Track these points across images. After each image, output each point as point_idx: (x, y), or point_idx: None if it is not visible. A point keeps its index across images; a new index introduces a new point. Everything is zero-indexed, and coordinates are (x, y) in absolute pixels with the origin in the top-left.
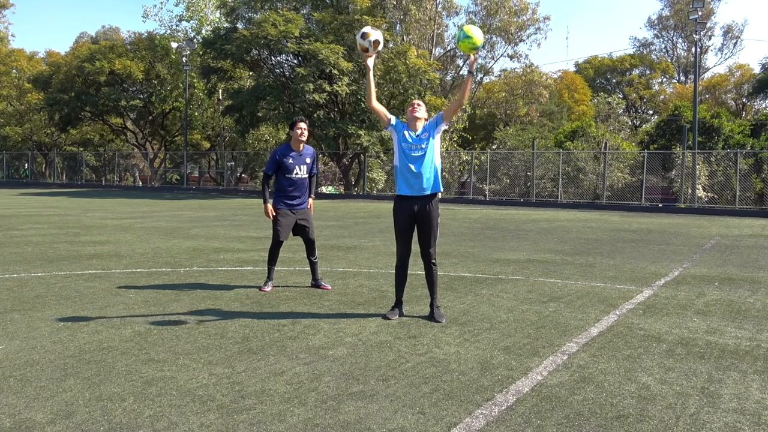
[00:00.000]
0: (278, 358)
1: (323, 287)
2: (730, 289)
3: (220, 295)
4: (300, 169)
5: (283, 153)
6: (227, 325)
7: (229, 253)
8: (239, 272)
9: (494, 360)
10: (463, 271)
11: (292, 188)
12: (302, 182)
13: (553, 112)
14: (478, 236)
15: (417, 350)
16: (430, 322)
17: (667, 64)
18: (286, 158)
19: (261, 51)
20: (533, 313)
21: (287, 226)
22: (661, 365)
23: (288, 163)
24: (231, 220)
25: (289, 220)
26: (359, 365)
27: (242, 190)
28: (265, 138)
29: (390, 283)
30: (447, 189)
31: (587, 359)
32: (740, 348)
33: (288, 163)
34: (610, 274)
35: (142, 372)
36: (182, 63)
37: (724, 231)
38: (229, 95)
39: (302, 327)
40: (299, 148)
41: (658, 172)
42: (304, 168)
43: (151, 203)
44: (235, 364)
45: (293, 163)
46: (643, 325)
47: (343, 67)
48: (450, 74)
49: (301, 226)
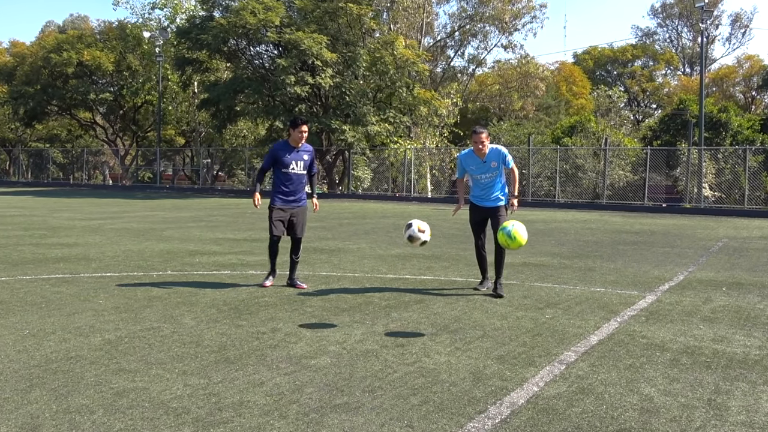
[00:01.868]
0: (257, 367)
1: (299, 286)
2: (739, 295)
3: (195, 301)
4: (297, 165)
5: (280, 147)
6: (203, 333)
7: (205, 256)
8: (216, 276)
9: (487, 370)
10: (454, 275)
11: (288, 183)
12: (298, 178)
13: (550, 106)
14: (470, 238)
15: (405, 359)
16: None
17: (672, 54)
18: (281, 152)
19: (239, 41)
20: (529, 320)
21: (281, 222)
22: (665, 375)
23: (284, 158)
24: (207, 221)
25: (283, 216)
26: (343, 375)
27: (219, 189)
28: (243, 134)
29: (376, 287)
30: (438, 188)
31: (586, 369)
32: (749, 357)
33: (284, 158)
34: (611, 278)
35: (113, 383)
36: (155, 54)
37: (733, 233)
38: (205, 88)
39: (283, 335)
40: (298, 145)
41: (662, 170)
42: (301, 164)
43: (122, 203)
44: (211, 374)
45: (290, 158)
46: (645, 333)
47: (327, 58)
48: (440, 65)
49: (291, 223)
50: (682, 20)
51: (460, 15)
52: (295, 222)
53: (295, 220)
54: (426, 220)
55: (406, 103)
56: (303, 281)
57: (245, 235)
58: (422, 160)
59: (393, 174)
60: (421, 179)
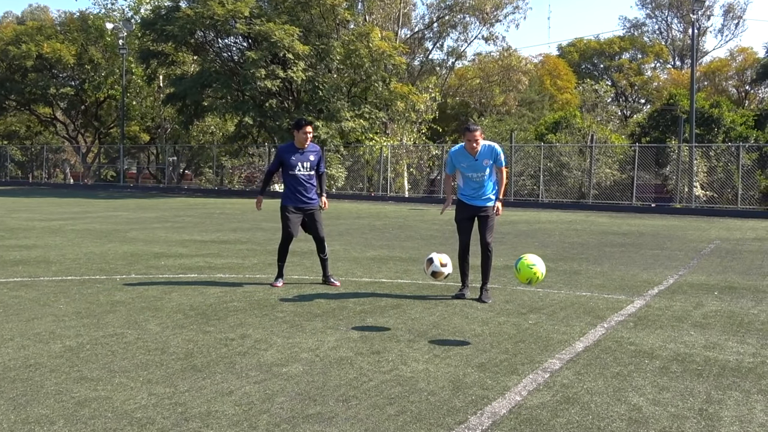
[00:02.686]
0: (226, 376)
1: (332, 284)
2: (732, 299)
3: (160, 306)
4: (303, 166)
5: (285, 150)
6: (169, 340)
7: (170, 259)
8: (182, 280)
9: (467, 378)
10: (432, 279)
11: (298, 186)
12: (308, 179)
13: (534, 101)
14: (450, 240)
15: (381, 367)
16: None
17: (661, 47)
18: (287, 155)
19: (206, 33)
20: (511, 326)
21: (295, 223)
22: (654, 384)
23: (290, 160)
24: (173, 221)
25: (296, 218)
26: (316, 384)
27: (185, 189)
28: (211, 130)
29: (350, 292)
30: (415, 187)
31: (572, 377)
32: (742, 365)
33: (290, 160)
34: (597, 282)
35: (74, 391)
36: (118, 46)
37: (725, 234)
38: (170, 82)
39: (253, 341)
40: (303, 147)
41: (651, 168)
42: (308, 165)
43: (84, 203)
44: (177, 382)
45: (295, 160)
46: (634, 340)
47: (299, 51)
48: (418, 58)
49: (308, 225)
50: (672, 11)
51: (439, 5)
52: (312, 223)
53: (311, 221)
54: (403, 221)
55: (382, 98)
56: (336, 279)
57: (213, 236)
58: (399, 157)
59: (368, 172)
60: (397, 178)
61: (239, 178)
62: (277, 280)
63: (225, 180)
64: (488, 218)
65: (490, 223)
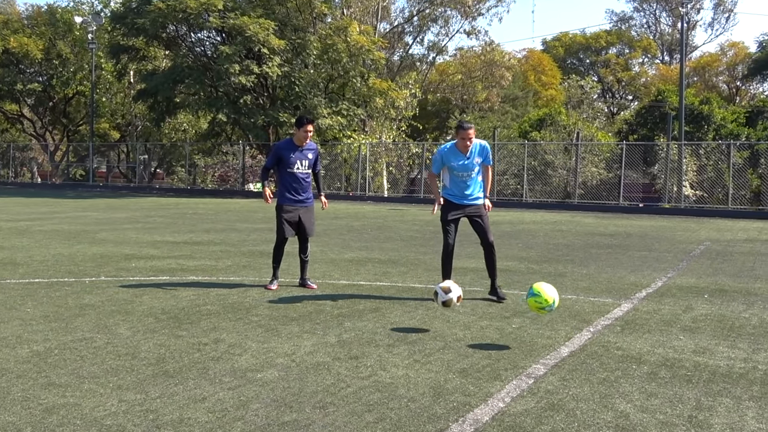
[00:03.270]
0: (199, 381)
1: (309, 287)
2: (722, 303)
3: (131, 310)
4: (302, 164)
5: (283, 147)
6: (140, 344)
7: (141, 261)
8: (154, 282)
9: (449, 384)
10: (413, 282)
11: (295, 184)
12: (305, 177)
13: (517, 97)
14: (430, 241)
15: (359, 373)
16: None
17: (649, 41)
18: (286, 152)
19: (179, 26)
20: (494, 330)
21: (292, 223)
22: (641, 390)
23: (288, 157)
24: (144, 222)
25: (292, 216)
26: (292, 390)
27: (157, 188)
28: (184, 127)
29: (328, 295)
30: (395, 186)
31: (556, 383)
32: (733, 370)
33: (288, 157)
34: (583, 284)
35: (42, 398)
36: (87, 40)
37: (715, 235)
38: (141, 78)
39: (226, 346)
40: (302, 144)
41: (639, 166)
42: (306, 163)
43: (52, 203)
44: (148, 389)
45: (294, 158)
46: (621, 344)
47: (274, 46)
48: (397, 53)
49: (300, 223)
50: (661, 4)
51: None
52: (304, 222)
53: (303, 220)
54: (382, 222)
55: (360, 94)
56: (314, 282)
57: (185, 237)
58: (378, 156)
59: (346, 171)
60: (376, 177)
61: (212, 177)
62: (272, 282)
63: (198, 179)
64: (482, 218)
65: (485, 222)
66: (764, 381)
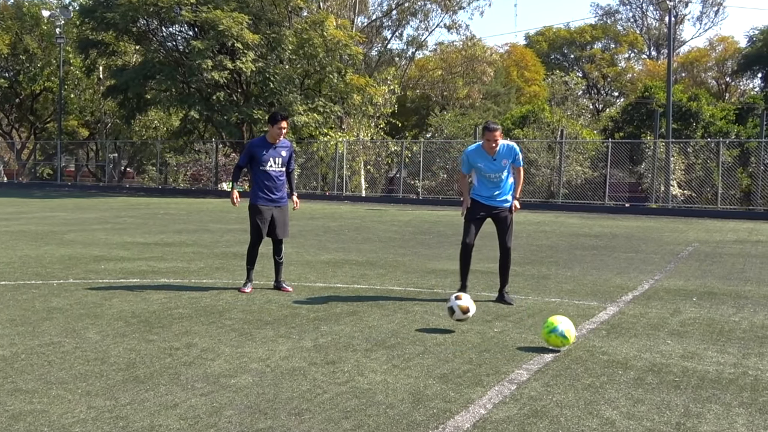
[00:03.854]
0: (170, 387)
1: (284, 289)
2: (711, 306)
3: (100, 313)
4: (275, 162)
5: (256, 144)
6: (109, 349)
7: (111, 263)
8: (123, 285)
9: (429, 390)
10: (391, 284)
11: (269, 183)
12: (279, 176)
13: (499, 93)
14: (410, 242)
15: (336, 378)
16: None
17: (636, 36)
18: (258, 149)
19: (150, 20)
20: (475, 334)
21: (266, 222)
22: (628, 396)
23: (261, 155)
24: (114, 222)
25: (265, 217)
26: (267, 396)
27: (127, 188)
28: (155, 125)
29: (303, 298)
30: (373, 186)
31: (540, 389)
32: (723, 376)
33: (261, 155)
34: (568, 287)
35: (8, 404)
36: (55, 35)
37: (704, 236)
38: (111, 73)
39: (199, 351)
40: (275, 142)
41: (625, 165)
42: (280, 161)
43: (18, 203)
44: (118, 395)
45: (267, 155)
46: (606, 349)
47: (248, 40)
48: (376, 48)
49: (273, 224)
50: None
51: None
52: (277, 222)
53: (276, 221)
54: (359, 222)
55: (337, 91)
56: (289, 284)
57: (156, 238)
58: (355, 154)
59: (322, 170)
60: (354, 176)
61: (184, 176)
62: (246, 285)
63: (169, 178)
64: (506, 220)
65: (509, 226)
66: (755, 387)
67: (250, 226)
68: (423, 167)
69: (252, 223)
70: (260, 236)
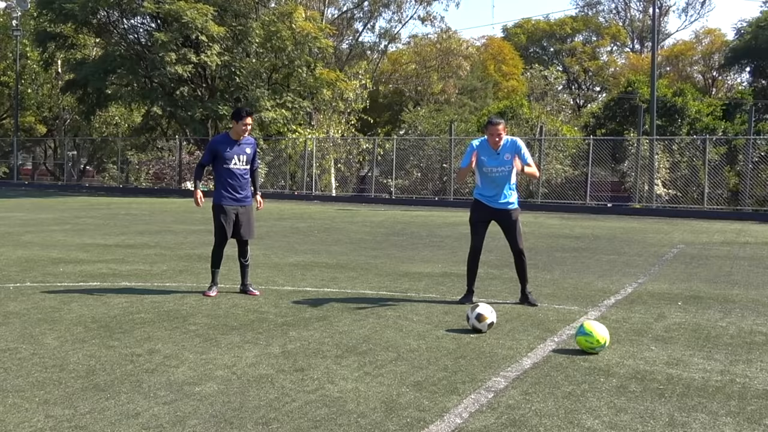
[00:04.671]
0: (132, 396)
1: (251, 293)
2: (697, 310)
3: (59, 318)
4: (239, 159)
5: (219, 141)
6: (68, 355)
7: (70, 265)
8: (83, 288)
9: (402, 398)
10: (363, 288)
11: (233, 181)
12: (243, 174)
13: (476, 88)
14: (382, 244)
15: (305, 386)
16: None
17: (618, 28)
18: (222, 146)
19: (110, 12)
20: (451, 340)
21: (231, 222)
22: (610, 405)
23: (225, 152)
24: (73, 223)
25: (229, 217)
26: (233, 405)
27: (87, 187)
28: (116, 121)
29: (271, 302)
30: (343, 185)
31: (518, 398)
32: (709, 384)
33: (225, 152)
34: (547, 291)
35: None
36: (11, 27)
37: (690, 237)
38: (70, 67)
39: (162, 357)
40: (239, 139)
41: (607, 163)
42: (244, 158)
43: None
44: (77, 403)
45: (231, 153)
46: (587, 356)
47: (213, 33)
48: (346, 41)
49: (237, 224)
50: None
51: None
52: (242, 222)
53: (241, 221)
54: (329, 223)
55: (306, 86)
56: (256, 288)
57: (117, 240)
58: (325, 152)
59: (291, 168)
60: (324, 175)
61: (147, 174)
62: (210, 288)
63: (131, 177)
64: (513, 222)
65: (517, 228)
66: (742, 395)
67: (214, 227)
68: (396, 165)
69: (216, 223)
70: (225, 237)
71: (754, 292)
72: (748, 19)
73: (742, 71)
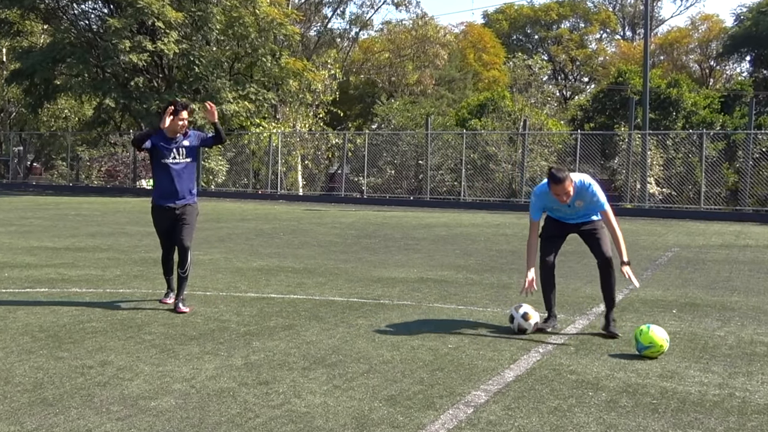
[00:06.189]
0: (83, 411)
1: (179, 310)
2: (693, 319)
3: (3, 327)
4: (178, 154)
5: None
6: (14, 368)
7: (15, 270)
8: (30, 295)
9: (374, 414)
10: (332, 294)
11: (170, 178)
12: (183, 171)
13: (454, 79)
14: (353, 247)
15: (270, 401)
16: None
17: (608, 14)
18: (157, 138)
19: None
20: (427, 351)
21: (166, 229)
22: (599, 421)
23: (162, 149)
24: (18, 224)
25: (166, 220)
26: (192, 421)
27: (34, 185)
28: (65, 114)
29: (233, 310)
30: (311, 183)
31: (500, 413)
32: (706, 398)
33: (162, 149)
34: (531, 297)
35: None
36: None
37: (685, 240)
38: (16, 56)
39: (115, 369)
40: (175, 137)
41: (596, 160)
42: (184, 151)
43: None
44: (24, 419)
45: (168, 148)
46: (575, 367)
47: (170, 19)
48: (314, 28)
49: (178, 226)
50: None
51: None
52: (179, 225)
53: (178, 223)
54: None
55: (271, 76)
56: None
57: (67, 242)
58: (292, 147)
59: (254, 166)
60: (290, 172)
61: (99, 172)
62: (167, 295)
63: (81, 175)
64: (595, 230)
65: (600, 236)
66: (742, 410)
67: (157, 233)
68: (368, 162)
69: (157, 230)
70: (168, 242)
71: (755, 299)
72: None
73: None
